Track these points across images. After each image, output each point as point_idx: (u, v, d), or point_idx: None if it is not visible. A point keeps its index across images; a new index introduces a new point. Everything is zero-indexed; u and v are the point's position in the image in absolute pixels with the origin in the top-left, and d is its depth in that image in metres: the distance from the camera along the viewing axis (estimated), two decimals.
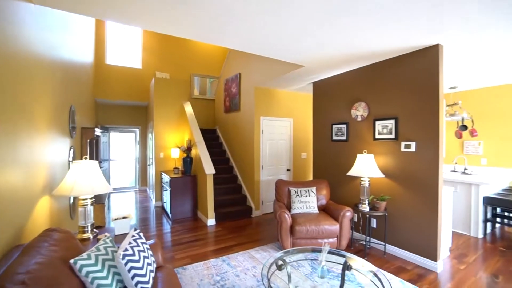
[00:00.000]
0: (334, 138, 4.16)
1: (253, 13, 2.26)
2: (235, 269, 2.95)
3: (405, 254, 3.20)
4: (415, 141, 3.06)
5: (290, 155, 5.64)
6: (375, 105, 3.54)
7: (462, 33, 2.61)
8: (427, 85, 2.96)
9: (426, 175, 2.96)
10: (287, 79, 4.57)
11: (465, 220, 4.02)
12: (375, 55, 3.27)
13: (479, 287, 2.61)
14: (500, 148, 4.97)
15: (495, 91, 5.01)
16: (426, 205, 2.98)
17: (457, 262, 3.12)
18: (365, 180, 3.32)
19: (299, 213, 3.53)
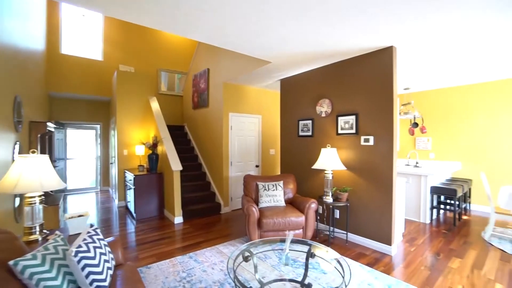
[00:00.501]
0: (300, 134, 4.31)
1: (216, 4, 2.24)
2: (202, 265, 2.92)
3: (364, 241, 3.43)
4: (373, 136, 3.29)
5: (259, 151, 5.71)
6: (338, 101, 3.73)
7: (413, 37, 2.86)
8: (383, 84, 3.20)
9: (382, 167, 3.21)
10: (255, 76, 4.61)
11: (416, 208, 4.43)
12: (337, 54, 3.45)
13: (425, 264, 2.90)
14: (445, 144, 5.55)
15: (442, 93, 5.58)
16: (382, 195, 3.22)
17: (408, 245, 3.43)
18: (329, 173, 3.49)
19: (266, 206, 3.59)
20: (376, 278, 2.61)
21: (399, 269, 2.83)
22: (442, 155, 5.58)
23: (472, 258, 3.05)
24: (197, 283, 2.54)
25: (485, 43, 3.06)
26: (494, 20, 2.49)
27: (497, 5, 2.22)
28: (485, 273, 2.72)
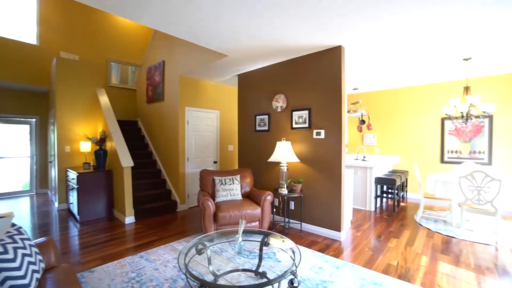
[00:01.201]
0: (257, 129, 4.37)
1: None
2: (154, 263, 2.77)
3: (317, 229, 3.62)
4: (324, 129, 3.49)
5: (217, 147, 5.64)
6: (292, 97, 3.87)
7: (358, 39, 3.11)
8: (333, 81, 3.41)
9: (332, 159, 3.43)
10: (213, 70, 4.55)
11: (363, 197, 4.84)
12: (291, 51, 3.58)
13: (369, 246, 3.18)
14: (387, 140, 6.16)
15: (386, 94, 6.18)
16: (332, 185, 3.44)
17: (355, 231, 3.72)
18: (284, 166, 3.60)
19: (223, 201, 3.56)
20: (326, 262, 2.78)
21: (346, 252, 3.06)
22: (385, 149, 6.19)
23: (406, 238, 3.44)
24: (147, 282, 2.41)
25: (419, 51, 3.47)
26: (429, 32, 2.84)
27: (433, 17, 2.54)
28: (415, 248, 3.10)
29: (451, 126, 5.35)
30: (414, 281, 2.41)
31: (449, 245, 3.20)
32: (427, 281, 2.41)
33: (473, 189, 3.34)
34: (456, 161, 5.20)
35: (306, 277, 2.47)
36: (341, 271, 2.58)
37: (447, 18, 2.61)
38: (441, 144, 5.45)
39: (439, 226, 3.86)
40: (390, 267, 2.67)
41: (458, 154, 5.27)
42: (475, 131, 5.11)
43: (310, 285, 2.32)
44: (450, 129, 5.36)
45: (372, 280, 2.40)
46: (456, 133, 5.31)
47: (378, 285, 2.32)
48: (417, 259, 2.84)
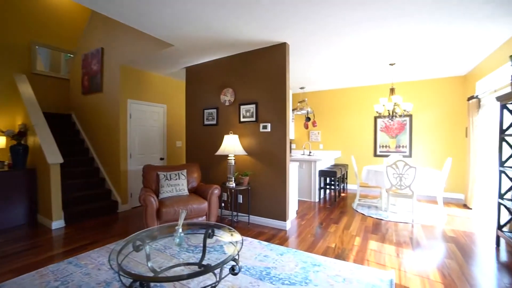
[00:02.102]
0: (205, 123, 4.28)
1: None
2: (85, 268, 2.48)
3: (264, 220, 3.71)
4: (270, 123, 3.60)
5: (163, 143, 5.36)
6: (240, 91, 3.90)
7: (302, 36, 3.28)
8: (278, 76, 3.54)
9: (278, 152, 3.55)
10: (159, 60, 4.30)
11: (308, 189, 5.14)
12: (238, 45, 3.60)
13: (312, 232, 3.38)
14: (330, 136, 6.66)
15: (329, 93, 6.68)
16: (278, 177, 3.57)
17: (300, 220, 3.92)
18: (232, 159, 3.60)
19: (168, 196, 3.39)
20: (271, 250, 2.86)
21: (291, 239, 3.20)
22: (329, 145, 6.69)
23: (344, 223, 3.76)
24: None
25: (354, 55, 3.83)
26: (362, 37, 3.14)
27: (376, 22, 2.81)
28: (350, 231, 3.41)
29: (382, 124, 6.06)
30: (348, 259, 2.64)
31: (378, 226, 3.60)
32: (359, 257, 2.67)
33: (396, 176, 3.83)
34: (386, 154, 5.91)
35: (252, 265, 2.50)
36: (284, 257, 2.69)
37: (376, 26, 2.94)
38: (374, 139, 6.13)
39: (371, 211, 4.32)
40: (329, 249, 2.88)
41: (387, 148, 5.99)
42: (399, 128, 5.87)
43: (255, 273, 2.36)
44: (381, 127, 6.07)
45: (312, 262, 2.56)
46: (385, 130, 6.02)
47: (317, 266, 2.48)
48: (352, 240, 3.13)
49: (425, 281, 2.23)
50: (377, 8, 2.61)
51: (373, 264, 2.53)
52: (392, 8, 2.61)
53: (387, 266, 2.49)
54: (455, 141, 5.30)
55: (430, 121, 5.55)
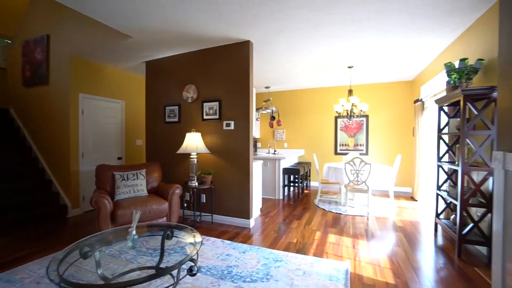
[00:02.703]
0: (167, 120, 4.10)
1: None
2: (19, 284, 2.19)
3: (228, 219, 3.67)
4: (233, 121, 3.57)
5: (121, 141, 5.01)
6: (203, 88, 3.81)
7: (266, 35, 3.31)
8: (242, 74, 3.53)
9: (241, 150, 3.54)
10: (116, 53, 4.00)
11: (273, 187, 5.22)
12: (201, 40, 3.50)
13: (275, 229, 3.44)
14: (295, 135, 6.86)
15: (293, 93, 6.86)
16: (241, 175, 3.56)
17: (264, 218, 3.96)
18: (194, 157, 3.50)
19: (125, 198, 3.18)
20: (234, 248, 2.84)
21: (254, 237, 3.21)
22: (293, 144, 6.87)
23: (306, 219, 3.89)
24: None
25: (318, 55, 3.97)
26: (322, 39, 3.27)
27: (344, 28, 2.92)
28: (312, 226, 3.54)
29: (342, 124, 6.41)
30: (308, 252, 2.73)
31: (337, 221, 3.79)
32: (318, 251, 2.77)
33: (354, 172, 4.08)
34: (345, 152, 6.26)
35: (213, 265, 2.45)
36: (247, 254, 2.69)
37: (335, 30, 3.08)
38: (335, 138, 6.46)
39: (331, 206, 4.54)
40: (290, 245, 2.95)
41: (347, 147, 6.35)
42: (357, 128, 6.27)
43: (216, 272, 2.31)
44: (341, 126, 6.41)
45: (274, 258, 2.59)
46: (345, 129, 6.38)
47: (279, 261, 2.52)
48: (312, 235, 3.24)
49: (376, 268, 2.40)
50: (337, 13, 2.73)
51: (332, 256, 2.65)
52: (348, 14, 2.76)
53: (344, 257, 2.63)
54: (404, 139, 5.82)
55: (384, 121, 6.02)
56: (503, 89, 1.53)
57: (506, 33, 1.54)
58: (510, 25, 1.50)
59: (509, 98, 1.48)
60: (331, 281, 2.16)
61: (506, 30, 1.54)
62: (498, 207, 1.56)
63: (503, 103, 1.53)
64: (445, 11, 2.73)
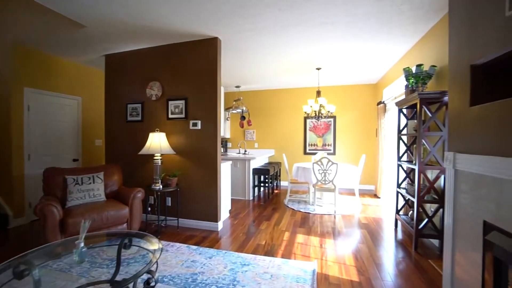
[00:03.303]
0: (129, 119, 3.83)
1: None
2: None
3: (195, 223, 3.52)
4: (200, 120, 3.43)
5: (78, 141, 4.58)
6: (168, 85, 3.61)
7: (235, 32, 3.22)
8: (209, 72, 3.40)
9: (209, 150, 3.41)
10: (70, 44, 3.62)
11: (242, 188, 5.15)
12: (165, 35, 3.31)
13: (244, 231, 3.37)
14: (265, 135, 6.86)
15: (263, 93, 6.85)
16: (209, 176, 3.43)
17: (233, 220, 3.88)
18: (158, 159, 3.30)
19: (78, 204, 2.88)
20: (200, 254, 2.72)
21: (222, 240, 3.11)
22: (263, 144, 6.88)
23: (275, 219, 3.88)
24: None
25: (287, 55, 3.98)
26: (292, 40, 3.26)
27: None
28: (281, 227, 3.54)
29: (311, 124, 6.55)
30: (277, 254, 2.71)
31: (306, 220, 3.84)
32: (287, 252, 2.76)
33: (322, 172, 4.17)
34: (314, 152, 6.40)
35: (177, 274, 2.31)
36: (213, 260, 2.58)
37: (303, 31, 3.10)
38: (304, 138, 6.58)
39: (301, 206, 4.59)
40: (259, 247, 2.90)
41: (315, 147, 6.51)
42: (325, 128, 6.46)
43: (179, 281, 2.18)
44: (310, 126, 6.56)
45: (242, 262, 2.52)
46: (314, 129, 6.54)
47: (246, 265, 2.45)
48: (281, 235, 3.23)
49: (342, 266, 2.45)
50: (305, 13, 2.74)
51: (299, 257, 2.65)
52: (316, 16, 2.78)
53: (311, 257, 2.65)
54: (368, 139, 6.12)
55: (350, 122, 6.27)
56: (454, 94, 1.63)
57: (454, 43, 1.64)
58: (457, 36, 1.60)
59: (458, 103, 1.57)
60: (298, 283, 2.15)
61: (454, 41, 1.64)
62: (449, 203, 1.66)
63: (453, 106, 1.63)
64: (408, 18, 2.87)
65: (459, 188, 1.55)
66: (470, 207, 1.44)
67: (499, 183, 1.21)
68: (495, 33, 1.20)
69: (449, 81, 1.66)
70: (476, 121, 1.37)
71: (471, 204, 1.43)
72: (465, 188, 1.49)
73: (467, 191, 1.48)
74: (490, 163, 1.26)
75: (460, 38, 1.54)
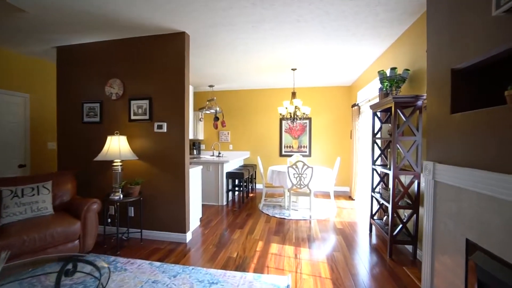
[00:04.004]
0: (85, 120, 3.41)
1: None
2: None
3: (161, 234, 3.21)
4: (166, 122, 3.13)
5: (25, 144, 4.03)
6: (131, 83, 3.26)
7: (204, 26, 2.96)
8: (176, 70, 3.12)
9: (176, 155, 3.13)
10: (10, 32, 3.13)
11: (215, 193, 4.89)
12: (126, 27, 2.97)
13: (214, 242, 3.13)
14: (240, 137, 6.65)
15: (238, 94, 6.63)
16: (176, 183, 3.15)
17: (204, 229, 3.62)
18: (118, 165, 2.95)
19: (16, 221, 2.46)
20: (164, 272, 2.44)
21: (191, 253, 2.85)
22: (238, 145, 6.65)
23: (249, 227, 3.69)
24: None
25: (260, 54, 3.79)
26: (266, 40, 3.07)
27: None
28: (254, 236, 3.34)
29: (286, 125, 6.45)
30: (249, 268, 2.51)
31: (280, 227, 3.68)
32: (260, 265, 2.57)
33: (297, 176, 4.05)
34: (290, 154, 6.31)
35: None
36: (178, 279, 2.32)
37: (275, 28, 2.93)
38: (279, 140, 6.46)
39: (276, 211, 4.44)
40: (230, 260, 2.68)
41: (291, 148, 6.42)
42: (301, 130, 6.39)
43: None
44: (286, 128, 6.46)
45: (210, 280, 2.29)
46: (289, 131, 6.44)
47: (215, 284, 2.23)
48: (254, 246, 3.04)
49: (317, 280, 2.31)
50: (278, 7, 2.56)
51: (273, 270, 2.48)
52: (290, 11, 2.62)
53: (285, 270, 2.48)
54: (343, 141, 6.15)
55: (325, 124, 6.26)
56: (432, 99, 1.54)
57: (433, 45, 1.55)
58: (436, 37, 1.50)
59: (437, 109, 1.48)
60: None
61: (433, 42, 1.55)
62: (428, 216, 1.56)
63: (432, 113, 1.54)
64: (382, 21, 2.81)
65: (439, 200, 1.46)
66: (451, 222, 1.35)
67: (482, 199, 1.11)
68: (480, 34, 1.10)
69: (427, 85, 1.56)
70: (457, 130, 1.27)
71: (453, 218, 1.34)
72: (445, 201, 1.40)
73: (447, 205, 1.38)
74: (471, 176, 1.16)
75: (440, 40, 1.45)
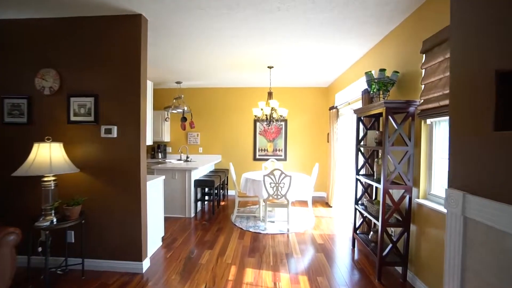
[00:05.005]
0: (7, 120, 2.64)
1: None
2: None
3: (110, 264, 2.60)
4: (116, 125, 2.53)
5: None
6: (70, 76, 2.58)
7: (166, 9, 2.41)
8: (130, 61, 2.53)
9: (128, 165, 2.54)
10: None
11: (182, 203, 4.33)
12: (68, 3, 2.31)
13: (178, 270, 2.61)
14: (210, 139, 6.11)
15: (208, 92, 6.07)
16: (129, 199, 2.56)
17: (166, 251, 3.06)
18: (50, 181, 2.28)
19: None
20: None
21: None
22: (209, 149, 6.11)
23: (220, 246, 3.21)
24: None
25: (233, 47, 3.32)
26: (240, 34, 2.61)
27: None
28: (226, 258, 2.88)
29: (261, 127, 6.06)
30: None
31: (256, 244, 3.26)
32: None
33: (274, 185, 3.66)
34: (264, 158, 5.92)
35: None
36: None
37: (251, 15, 2.49)
38: (254, 143, 6.05)
39: (250, 223, 4.01)
40: None
41: (266, 152, 6.04)
42: (276, 132, 6.04)
43: None
44: (260, 130, 6.06)
45: None
46: (264, 133, 6.06)
47: None
48: (226, 272, 2.58)
49: None
50: None
51: None
52: (264, 4, 2.20)
53: None
54: (320, 145, 5.92)
55: (302, 127, 5.98)
56: (461, 110, 1.20)
57: (464, 37, 1.22)
58: (472, 26, 1.18)
59: (468, 124, 1.15)
60: None
61: (463, 31, 1.22)
62: (454, 260, 1.22)
63: (460, 128, 1.20)
64: (371, 16, 2.52)
65: (469, 243, 1.12)
66: (491, 276, 1.02)
67: None
68: None
69: (451, 91, 1.24)
70: (507, 152, 0.94)
71: (492, 271, 1.01)
72: (480, 246, 1.07)
73: (484, 251, 1.05)
74: None
75: (476, 32, 1.11)
